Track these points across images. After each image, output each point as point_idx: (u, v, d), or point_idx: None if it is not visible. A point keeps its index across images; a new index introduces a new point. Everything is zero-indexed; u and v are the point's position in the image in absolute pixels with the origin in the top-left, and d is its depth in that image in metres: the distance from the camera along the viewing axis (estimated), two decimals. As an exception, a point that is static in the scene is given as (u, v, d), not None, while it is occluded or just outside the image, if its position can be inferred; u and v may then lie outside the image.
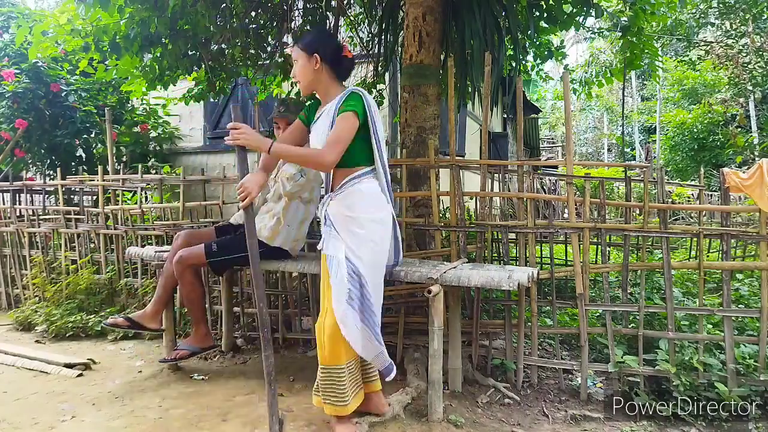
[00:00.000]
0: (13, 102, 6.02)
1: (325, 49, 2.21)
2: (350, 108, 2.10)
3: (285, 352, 3.41)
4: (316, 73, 2.22)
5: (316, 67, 2.20)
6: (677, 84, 17.39)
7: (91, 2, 3.15)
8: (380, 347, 2.18)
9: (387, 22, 4.02)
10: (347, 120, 2.10)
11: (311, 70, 2.22)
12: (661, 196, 3.73)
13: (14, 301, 4.67)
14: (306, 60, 2.22)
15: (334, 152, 2.07)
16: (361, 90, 2.22)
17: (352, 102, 2.13)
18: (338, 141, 2.08)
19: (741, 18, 10.76)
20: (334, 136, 2.09)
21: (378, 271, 2.22)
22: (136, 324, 2.84)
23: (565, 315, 3.63)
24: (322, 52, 2.20)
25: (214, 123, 8.49)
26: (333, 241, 2.17)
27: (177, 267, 2.74)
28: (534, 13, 4.03)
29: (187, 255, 2.74)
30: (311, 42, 2.24)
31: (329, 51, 2.21)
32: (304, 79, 2.25)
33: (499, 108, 4.77)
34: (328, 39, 2.31)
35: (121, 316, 2.91)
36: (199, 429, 2.30)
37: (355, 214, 2.15)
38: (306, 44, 2.23)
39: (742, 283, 4.03)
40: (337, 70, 2.25)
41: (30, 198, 5.01)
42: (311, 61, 2.20)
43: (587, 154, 29.06)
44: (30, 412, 2.49)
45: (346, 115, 2.10)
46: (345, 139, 2.09)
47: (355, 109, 2.11)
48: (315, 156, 2.12)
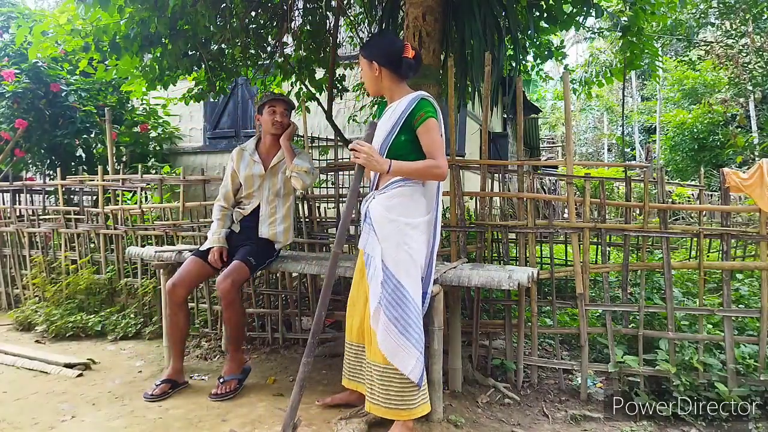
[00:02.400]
0: (13, 102, 6.02)
1: (381, 54, 2.25)
2: (430, 115, 2.17)
3: (285, 352, 3.41)
4: (378, 78, 2.28)
5: (376, 74, 2.27)
6: (677, 84, 17.39)
7: (91, 2, 3.15)
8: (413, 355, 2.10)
9: (387, 22, 4.02)
10: (433, 128, 2.17)
11: (373, 77, 2.29)
12: (661, 196, 3.72)
13: (14, 301, 4.67)
14: (367, 67, 2.29)
15: (444, 159, 2.16)
16: (429, 96, 2.24)
17: (428, 109, 2.18)
18: (439, 147, 2.16)
19: (741, 18, 10.76)
20: (433, 146, 2.16)
21: (414, 273, 2.18)
22: (176, 383, 2.74)
23: (565, 315, 3.63)
24: (379, 58, 2.25)
25: (214, 123, 8.49)
26: (372, 242, 2.21)
27: (230, 295, 2.60)
28: (534, 13, 4.03)
29: (237, 279, 2.63)
30: (369, 49, 2.30)
31: (386, 56, 2.24)
32: (368, 84, 2.35)
33: (499, 108, 4.78)
34: (385, 44, 2.31)
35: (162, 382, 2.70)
36: (199, 429, 2.30)
37: (393, 216, 2.17)
38: (365, 52, 2.31)
39: (742, 283, 4.02)
40: (399, 73, 2.26)
41: (30, 198, 5.01)
42: (372, 68, 2.27)
43: (587, 154, 29.06)
44: (30, 412, 2.49)
45: (430, 124, 2.16)
46: (441, 143, 2.19)
47: (434, 116, 2.18)
48: (434, 167, 2.15)
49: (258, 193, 2.87)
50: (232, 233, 2.90)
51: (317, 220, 3.57)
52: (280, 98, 2.85)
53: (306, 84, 4.94)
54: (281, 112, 2.84)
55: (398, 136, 2.20)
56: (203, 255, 2.80)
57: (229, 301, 2.63)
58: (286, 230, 2.88)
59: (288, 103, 2.88)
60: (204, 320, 3.73)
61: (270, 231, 2.83)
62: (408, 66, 2.24)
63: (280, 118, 2.84)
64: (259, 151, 2.92)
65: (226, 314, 2.69)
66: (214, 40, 3.99)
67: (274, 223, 2.84)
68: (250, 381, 2.88)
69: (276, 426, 2.30)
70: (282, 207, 2.88)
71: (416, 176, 2.20)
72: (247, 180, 2.88)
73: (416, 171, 2.16)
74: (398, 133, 2.20)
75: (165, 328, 2.98)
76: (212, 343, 3.58)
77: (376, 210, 2.21)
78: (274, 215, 2.85)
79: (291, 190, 2.91)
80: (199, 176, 3.85)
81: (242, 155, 2.92)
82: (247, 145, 2.95)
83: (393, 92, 2.29)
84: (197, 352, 3.44)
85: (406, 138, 2.20)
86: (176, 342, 2.80)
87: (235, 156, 2.94)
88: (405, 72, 2.26)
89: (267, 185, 2.87)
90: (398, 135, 2.20)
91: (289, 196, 2.91)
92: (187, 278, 2.72)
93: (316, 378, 2.94)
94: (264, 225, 2.84)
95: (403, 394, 2.12)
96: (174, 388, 2.72)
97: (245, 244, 2.81)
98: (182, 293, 2.71)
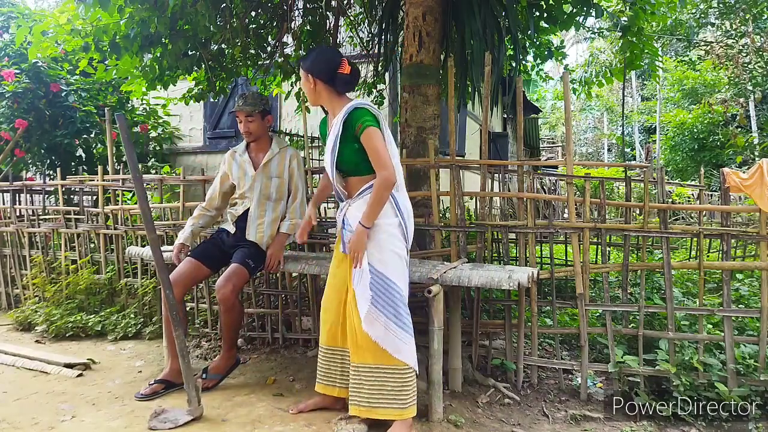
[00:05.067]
0: (13, 102, 6.02)
1: (319, 68, 2.28)
2: (368, 124, 2.17)
3: (285, 352, 3.41)
4: (314, 90, 2.32)
5: (312, 86, 2.31)
6: (677, 84, 17.40)
7: (91, 2, 3.15)
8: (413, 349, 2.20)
9: (387, 22, 4.02)
10: (373, 136, 2.17)
11: (309, 88, 2.33)
12: (661, 196, 3.73)
13: (14, 301, 4.67)
14: (305, 78, 2.34)
15: (388, 167, 2.15)
16: (363, 102, 2.26)
17: (365, 117, 2.18)
18: (381, 156, 2.16)
19: (741, 18, 10.76)
20: (374, 156, 2.17)
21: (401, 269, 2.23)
22: (171, 383, 2.73)
23: (565, 315, 3.63)
24: (317, 71, 2.28)
25: (214, 123, 8.49)
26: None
27: (230, 298, 2.61)
28: (534, 13, 4.04)
29: (238, 283, 2.65)
30: (307, 62, 2.33)
31: (321, 69, 2.27)
32: (307, 95, 2.39)
33: (499, 108, 4.77)
34: (323, 58, 2.32)
35: (155, 382, 2.71)
36: (199, 428, 2.30)
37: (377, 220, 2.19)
38: (303, 64, 2.35)
39: (742, 283, 4.03)
40: (334, 87, 2.29)
41: (30, 198, 5.01)
42: (308, 80, 2.32)
43: (587, 154, 29.06)
44: (30, 412, 2.49)
45: (369, 132, 2.17)
46: (382, 150, 2.17)
47: (371, 124, 2.18)
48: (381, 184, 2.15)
49: (250, 194, 2.87)
50: (227, 234, 2.90)
51: (317, 220, 3.57)
52: (240, 109, 2.82)
53: (306, 84, 4.93)
54: (244, 120, 2.84)
55: (342, 149, 2.23)
56: (199, 256, 2.81)
57: (228, 306, 2.64)
58: (272, 236, 2.85)
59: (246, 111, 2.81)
60: (204, 320, 3.73)
61: (257, 235, 2.82)
62: (343, 81, 2.27)
63: (244, 128, 2.86)
64: (249, 151, 2.94)
65: (225, 318, 2.70)
66: (214, 40, 3.99)
67: (261, 226, 2.82)
68: (250, 381, 2.88)
69: (276, 426, 2.30)
70: (271, 211, 2.86)
71: (382, 203, 2.18)
72: (240, 181, 2.89)
73: (377, 201, 2.16)
74: (341, 144, 2.22)
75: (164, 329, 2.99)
76: (212, 343, 3.58)
77: (355, 216, 2.23)
78: (263, 218, 2.83)
79: (283, 196, 2.90)
80: (199, 176, 3.85)
81: (234, 157, 2.95)
82: (238, 147, 2.97)
83: (333, 105, 2.32)
84: (197, 352, 3.43)
85: (352, 147, 2.22)
86: (173, 342, 2.80)
87: (227, 158, 2.97)
88: (340, 87, 2.28)
89: (258, 186, 2.86)
90: (342, 147, 2.23)
91: (280, 202, 2.89)
92: (182, 279, 2.72)
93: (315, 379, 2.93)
94: (252, 227, 2.82)
95: (400, 391, 2.15)
96: (169, 388, 2.71)
97: (240, 246, 2.81)
98: (178, 294, 2.71)
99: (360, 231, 2.17)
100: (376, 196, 2.16)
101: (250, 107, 2.81)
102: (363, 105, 2.24)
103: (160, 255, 2.33)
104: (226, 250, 2.86)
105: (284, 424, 2.33)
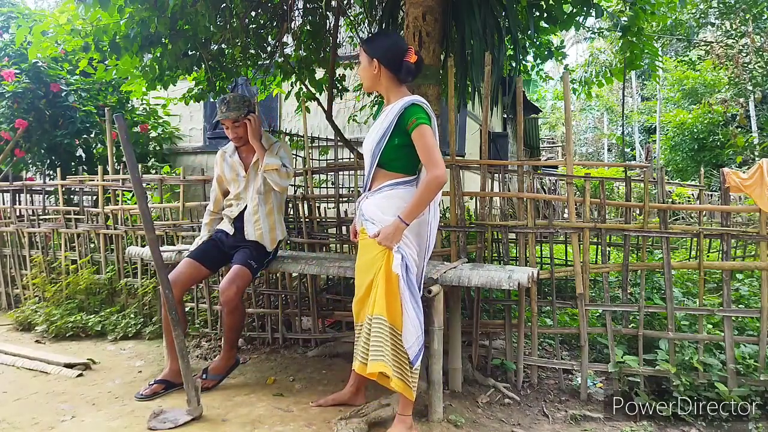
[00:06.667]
0: (13, 102, 6.02)
1: (383, 53, 2.23)
2: (421, 121, 2.14)
3: (285, 352, 3.41)
4: (376, 76, 2.26)
5: (374, 72, 2.25)
6: (677, 84, 17.39)
7: (91, 2, 3.15)
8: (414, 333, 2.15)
9: (387, 22, 4.02)
10: (426, 133, 2.12)
11: (371, 74, 2.27)
12: (661, 196, 3.73)
13: (14, 301, 4.67)
14: (367, 62, 2.26)
15: (440, 166, 2.09)
16: (421, 99, 2.22)
17: (420, 115, 2.15)
18: (434, 155, 2.11)
19: (741, 18, 10.75)
20: (426, 154, 2.12)
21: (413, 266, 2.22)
22: (171, 383, 2.72)
23: (565, 315, 3.63)
24: (384, 58, 2.22)
25: (214, 123, 8.48)
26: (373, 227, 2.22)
27: (234, 300, 2.62)
28: (534, 13, 4.03)
29: (241, 285, 2.66)
30: (372, 45, 2.27)
31: (388, 56, 2.22)
32: (364, 80, 2.32)
33: (499, 108, 4.77)
34: (390, 44, 2.28)
35: (155, 382, 2.71)
36: (199, 428, 2.30)
37: (388, 217, 2.18)
38: (368, 47, 2.27)
39: (742, 283, 4.02)
40: (398, 75, 2.25)
41: (30, 198, 5.01)
42: (371, 65, 2.25)
43: (587, 154, 29.05)
44: (30, 412, 2.49)
45: (422, 129, 2.13)
46: (435, 149, 2.13)
47: (425, 122, 2.15)
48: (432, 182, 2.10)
49: (245, 195, 2.88)
50: (226, 235, 2.89)
51: (317, 220, 3.57)
52: (224, 117, 2.78)
53: (306, 84, 4.93)
54: (230, 127, 2.83)
55: (391, 139, 2.20)
56: (198, 256, 2.80)
57: (231, 308, 2.64)
58: (272, 229, 2.84)
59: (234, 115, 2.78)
60: (204, 320, 3.73)
61: (256, 233, 2.81)
62: (408, 70, 2.23)
63: (233, 134, 2.84)
64: (239, 152, 2.93)
65: (228, 319, 2.70)
66: (214, 40, 3.99)
67: (258, 223, 2.82)
68: (250, 381, 2.88)
69: (276, 426, 2.30)
70: (264, 204, 2.84)
71: (428, 202, 2.14)
72: (233, 183, 2.90)
73: (424, 200, 2.12)
74: (391, 136, 2.19)
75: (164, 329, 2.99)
76: (212, 343, 3.58)
77: (370, 209, 2.23)
78: (257, 213, 2.82)
79: (271, 187, 2.89)
80: (199, 176, 3.85)
81: (224, 158, 2.94)
82: (227, 148, 2.96)
83: (390, 93, 2.28)
84: (197, 352, 3.44)
85: (399, 141, 2.20)
86: (173, 342, 2.79)
87: (219, 160, 2.96)
88: (404, 76, 2.24)
89: (252, 186, 2.85)
90: (391, 138, 2.20)
91: (270, 193, 2.87)
92: (181, 279, 2.72)
93: (316, 378, 2.94)
94: (249, 225, 2.82)
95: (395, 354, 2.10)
96: (169, 388, 2.71)
97: (241, 246, 2.81)
98: (177, 294, 2.71)
99: (398, 225, 2.11)
100: (424, 194, 2.11)
101: (235, 113, 2.77)
102: (421, 102, 2.21)
103: (160, 255, 2.33)
104: (226, 251, 2.86)
105: (284, 424, 2.33)
